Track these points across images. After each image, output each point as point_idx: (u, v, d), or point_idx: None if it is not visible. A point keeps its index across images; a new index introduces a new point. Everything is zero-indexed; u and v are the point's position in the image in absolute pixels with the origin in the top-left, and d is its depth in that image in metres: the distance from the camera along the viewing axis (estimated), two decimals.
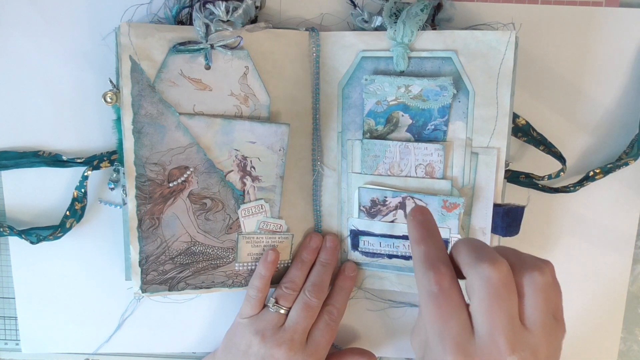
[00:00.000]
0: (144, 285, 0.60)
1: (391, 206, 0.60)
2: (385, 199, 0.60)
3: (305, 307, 0.61)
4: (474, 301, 0.41)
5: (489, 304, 0.40)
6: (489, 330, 0.40)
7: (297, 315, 0.61)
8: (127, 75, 0.56)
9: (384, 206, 0.60)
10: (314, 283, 0.63)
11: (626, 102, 0.63)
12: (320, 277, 0.63)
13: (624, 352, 0.68)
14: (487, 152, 0.59)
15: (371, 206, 0.61)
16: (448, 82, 0.58)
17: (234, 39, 0.58)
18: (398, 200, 0.60)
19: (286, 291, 0.62)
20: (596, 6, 0.61)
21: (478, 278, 0.41)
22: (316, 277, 0.63)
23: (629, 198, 0.64)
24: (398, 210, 0.60)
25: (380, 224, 0.62)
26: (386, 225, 0.62)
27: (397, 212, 0.61)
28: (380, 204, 0.60)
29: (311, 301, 0.61)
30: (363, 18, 0.60)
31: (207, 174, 0.60)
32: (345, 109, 0.62)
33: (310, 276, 0.64)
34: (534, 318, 0.42)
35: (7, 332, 0.69)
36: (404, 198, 0.60)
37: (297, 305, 0.62)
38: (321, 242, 0.65)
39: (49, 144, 0.64)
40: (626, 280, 0.65)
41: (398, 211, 0.60)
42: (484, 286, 0.40)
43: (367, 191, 0.61)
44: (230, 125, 0.59)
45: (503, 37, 0.57)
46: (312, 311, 0.62)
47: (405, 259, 0.63)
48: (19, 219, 0.65)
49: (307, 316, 0.61)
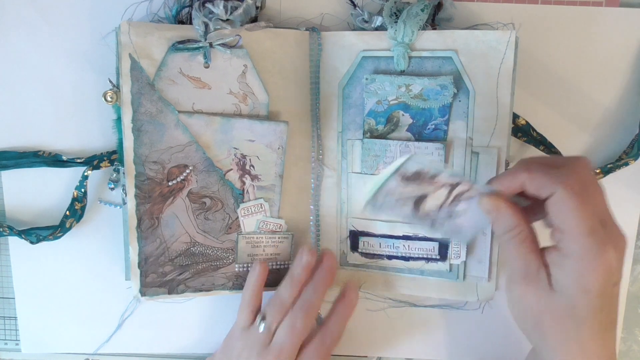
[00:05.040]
0: (144, 288, 0.60)
1: (439, 183, 0.52)
2: (437, 175, 0.51)
3: (291, 329, 0.57)
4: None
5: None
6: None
7: (284, 335, 0.57)
8: (127, 73, 0.57)
9: (432, 179, 0.52)
10: (302, 304, 0.58)
11: (626, 102, 0.63)
12: (311, 298, 0.58)
13: (624, 352, 0.67)
14: (488, 152, 0.59)
15: (415, 173, 0.52)
16: (448, 82, 0.58)
17: (232, 37, 0.58)
18: (454, 180, 0.51)
19: (273, 309, 0.59)
20: (596, 6, 0.61)
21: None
22: (306, 297, 0.58)
23: (629, 198, 0.64)
24: (444, 187, 0.52)
25: (380, 224, 0.62)
26: (386, 225, 0.62)
27: (440, 189, 0.52)
28: (430, 177, 0.52)
29: (297, 323, 0.57)
30: (363, 18, 0.60)
31: (206, 172, 0.60)
32: (345, 108, 0.62)
33: (302, 294, 0.59)
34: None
35: (7, 332, 0.69)
36: (462, 180, 0.51)
37: (283, 325, 0.58)
38: (314, 259, 0.59)
39: (49, 144, 0.64)
40: (626, 280, 0.65)
41: (443, 188, 0.52)
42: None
43: (420, 160, 0.52)
44: (229, 124, 0.59)
45: (503, 37, 0.57)
46: (299, 333, 0.57)
47: (405, 259, 0.63)
48: (19, 219, 0.65)
49: (294, 337, 0.57)
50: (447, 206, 0.51)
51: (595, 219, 0.44)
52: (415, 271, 0.63)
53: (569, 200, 0.44)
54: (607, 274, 0.45)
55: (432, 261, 0.62)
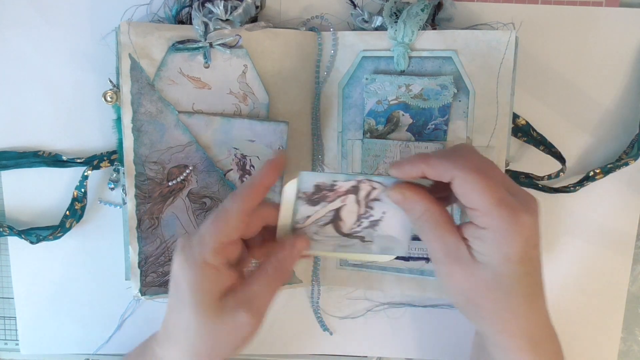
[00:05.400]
0: (144, 288, 0.60)
1: (341, 191, 0.50)
2: (335, 183, 0.49)
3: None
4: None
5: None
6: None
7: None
8: (127, 73, 0.57)
9: (331, 191, 0.50)
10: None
11: (626, 102, 0.63)
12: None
13: (624, 352, 0.67)
14: (487, 152, 0.59)
15: (314, 192, 0.50)
16: (449, 81, 0.58)
17: (232, 37, 0.58)
18: (351, 184, 0.49)
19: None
20: (596, 6, 0.61)
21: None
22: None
23: (629, 198, 0.64)
24: (349, 195, 0.50)
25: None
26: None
27: (347, 198, 0.50)
28: (327, 189, 0.50)
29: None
30: (363, 18, 0.60)
31: (206, 172, 0.60)
32: (345, 108, 0.62)
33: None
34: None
35: (7, 332, 0.69)
36: (359, 181, 0.50)
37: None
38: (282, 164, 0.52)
39: (49, 144, 0.64)
40: (626, 280, 0.65)
41: (349, 196, 0.50)
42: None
43: (311, 175, 0.49)
44: (229, 124, 0.59)
45: (503, 37, 0.57)
46: None
47: (404, 259, 0.63)
48: (19, 219, 0.65)
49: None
50: (364, 216, 0.50)
51: (500, 189, 0.46)
52: (415, 271, 0.63)
53: (471, 180, 0.45)
54: (524, 238, 0.45)
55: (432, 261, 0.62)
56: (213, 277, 0.48)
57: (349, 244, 0.51)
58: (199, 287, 0.48)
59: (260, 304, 0.50)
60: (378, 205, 0.50)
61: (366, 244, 0.51)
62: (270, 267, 0.50)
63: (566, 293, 0.50)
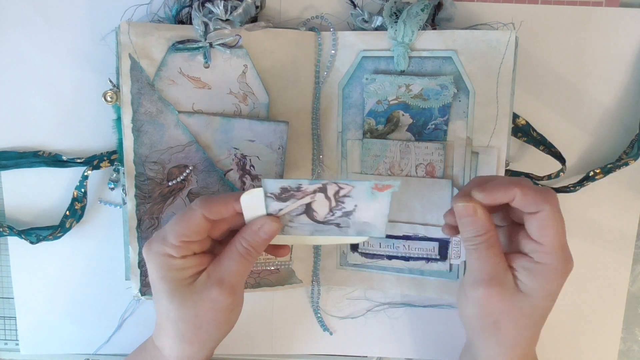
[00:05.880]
0: (144, 288, 0.60)
1: (308, 191, 0.49)
2: (300, 186, 0.49)
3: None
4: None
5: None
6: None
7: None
8: (127, 73, 0.57)
9: (299, 191, 0.49)
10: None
11: (626, 102, 0.63)
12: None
13: (624, 352, 0.67)
14: (487, 152, 0.59)
15: (281, 192, 0.49)
16: (448, 81, 0.58)
17: (232, 37, 0.58)
18: (317, 186, 0.49)
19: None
20: (596, 6, 0.61)
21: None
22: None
23: (629, 198, 0.64)
24: (317, 193, 0.50)
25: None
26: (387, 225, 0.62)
27: (315, 195, 0.50)
28: (294, 190, 0.49)
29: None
30: (363, 18, 0.60)
31: (206, 172, 0.60)
32: (345, 108, 0.62)
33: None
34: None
35: (7, 332, 0.69)
36: (325, 184, 0.49)
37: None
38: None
39: (49, 144, 0.64)
40: (626, 280, 0.65)
41: (317, 194, 0.50)
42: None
43: (274, 182, 0.49)
44: (229, 124, 0.59)
45: (503, 37, 0.57)
46: None
47: (404, 259, 0.63)
48: (19, 219, 0.65)
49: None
50: (337, 208, 0.51)
51: (564, 238, 0.50)
52: (415, 271, 0.63)
53: (554, 219, 0.49)
54: (564, 281, 0.51)
55: (432, 261, 0.62)
56: (179, 266, 0.51)
57: (325, 229, 0.52)
58: (166, 277, 0.51)
59: (231, 278, 0.51)
60: (349, 200, 0.50)
61: (342, 229, 0.52)
62: (239, 242, 0.51)
63: (566, 293, 0.50)
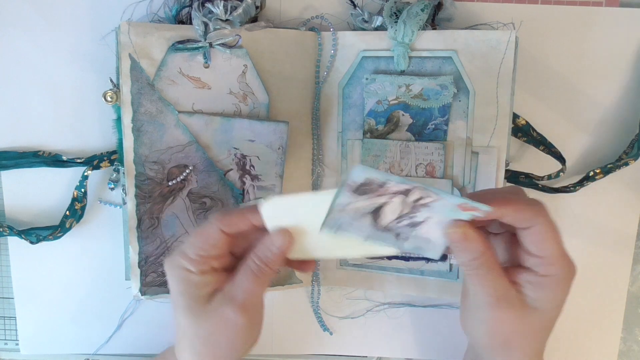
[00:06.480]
0: (144, 287, 0.60)
1: (390, 190, 0.45)
2: (385, 183, 0.44)
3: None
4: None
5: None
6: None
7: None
8: (127, 73, 0.57)
9: (381, 188, 0.45)
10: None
11: (626, 102, 0.63)
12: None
13: (624, 352, 0.67)
14: (487, 152, 0.59)
15: (363, 184, 0.44)
16: (448, 81, 0.58)
17: (232, 37, 0.58)
18: (404, 187, 0.44)
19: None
20: (596, 6, 0.61)
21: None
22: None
23: (629, 198, 0.64)
24: (397, 195, 0.45)
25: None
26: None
27: (394, 197, 0.45)
28: (377, 185, 0.44)
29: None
30: (363, 18, 0.60)
31: (206, 172, 0.60)
32: (345, 108, 0.62)
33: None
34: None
35: (7, 332, 0.69)
36: (413, 187, 0.44)
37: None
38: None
39: (49, 144, 0.64)
40: (626, 280, 0.65)
41: (397, 196, 0.45)
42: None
43: (365, 170, 0.44)
44: (229, 124, 0.59)
45: (503, 37, 0.57)
46: None
47: (405, 259, 0.63)
48: (19, 219, 0.65)
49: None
50: (407, 215, 0.47)
51: (563, 245, 0.48)
52: (415, 271, 0.63)
53: (550, 229, 0.47)
54: (569, 290, 0.49)
55: (432, 261, 0.62)
56: (197, 282, 0.49)
57: (381, 237, 0.49)
58: (184, 292, 0.50)
59: (246, 298, 0.49)
60: (424, 211, 0.46)
61: (399, 240, 0.49)
62: (251, 259, 0.49)
63: None
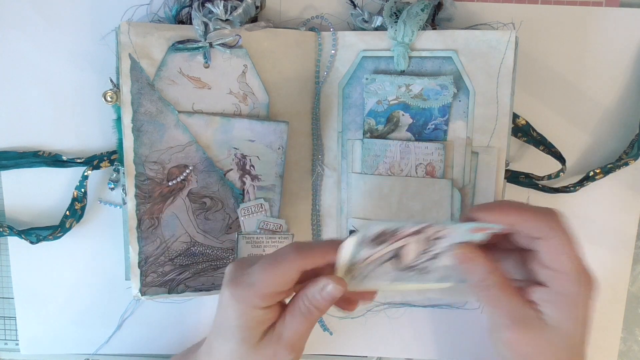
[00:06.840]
0: (143, 288, 0.60)
1: (404, 234, 0.47)
2: (397, 229, 0.47)
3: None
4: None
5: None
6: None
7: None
8: (127, 73, 0.57)
9: (394, 235, 0.47)
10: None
11: (626, 102, 0.63)
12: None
13: (624, 352, 0.67)
14: (488, 152, 0.59)
15: (377, 236, 0.47)
16: (449, 81, 0.58)
17: (232, 37, 0.58)
18: (416, 228, 0.47)
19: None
20: (596, 6, 0.61)
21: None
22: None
23: (629, 198, 0.64)
24: (412, 235, 0.47)
25: (380, 224, 0.60)
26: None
27: (410, 238, 0.47)
28: (390, 233, 0.47)
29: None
30: (363, 18, 0.60)
31: (206, 172, 0.60)
32: (345, 108, 0.62)
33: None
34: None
35: (7, 332, 0.69)
36: (424, 227, 0.46)
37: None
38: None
39: (49, 144, 0.64)
40: (626, 280, 0.65)
41: (412, 237, 0.47)
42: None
43: (377, 225, 0.47)
44: (229, 124, 0.59)
45: (503, 36, 0.57)
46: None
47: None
48: (19, 219, 0.65)
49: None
50: (425, 251, 0.47)
51: (581, 258, 0.46)
52: None
53: (568, 244, 0.45)
54: (591, 305, 0.47)
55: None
56: (260, 318, 0.49)
57: (406, 276, 0.49)
58: (243, 327, 0.49)
59: (293, 337, 0.49)
60: (441, 241, 0.47)
61: (423, 275, 0.49)
62: (301, 300, 0.49)
63: None
